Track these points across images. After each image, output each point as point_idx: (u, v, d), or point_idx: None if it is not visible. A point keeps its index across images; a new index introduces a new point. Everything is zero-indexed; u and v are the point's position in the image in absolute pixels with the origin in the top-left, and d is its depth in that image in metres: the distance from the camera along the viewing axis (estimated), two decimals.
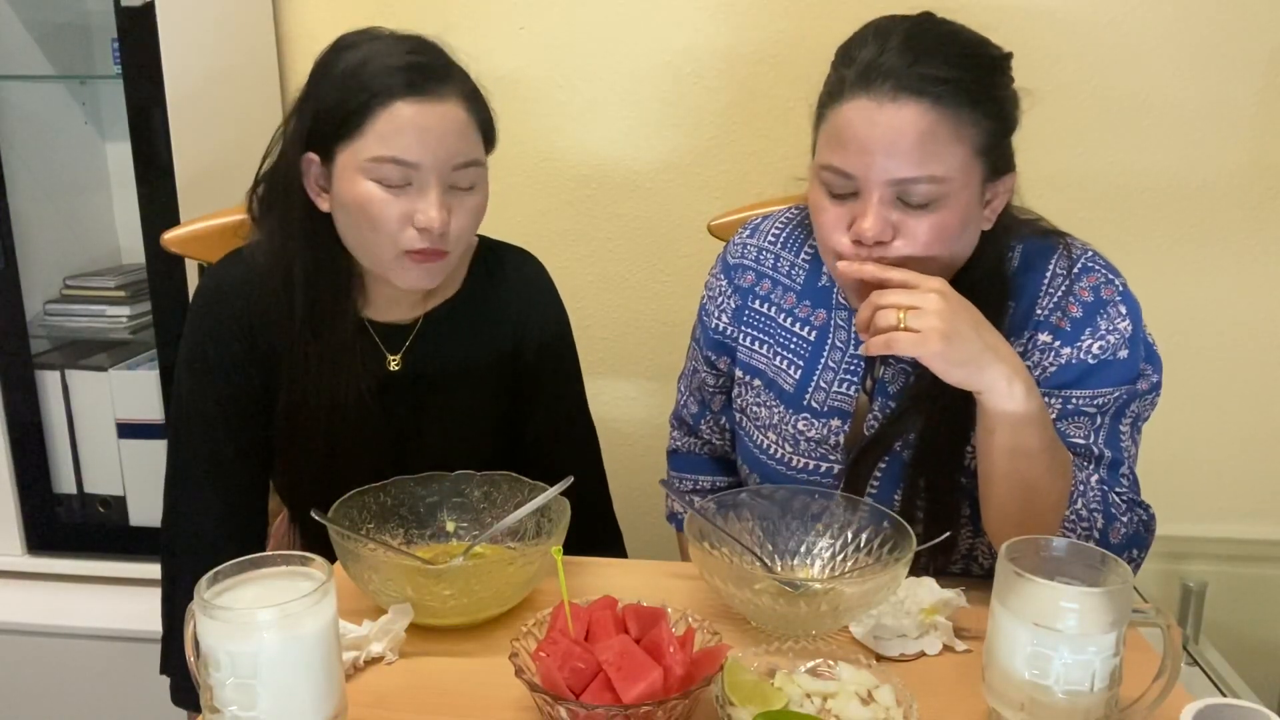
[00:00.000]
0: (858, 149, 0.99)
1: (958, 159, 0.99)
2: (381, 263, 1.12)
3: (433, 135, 1.07)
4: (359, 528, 1.06)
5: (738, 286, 1.25)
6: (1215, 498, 1.97)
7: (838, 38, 1.07)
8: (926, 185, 0.99)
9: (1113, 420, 1.07)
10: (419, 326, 1.23)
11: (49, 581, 1.81)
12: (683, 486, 1.39)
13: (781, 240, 1.24)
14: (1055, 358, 1.07)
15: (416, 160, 1.07)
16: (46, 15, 1.76)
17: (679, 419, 1.39)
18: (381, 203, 1.07)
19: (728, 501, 1.10)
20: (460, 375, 1.25)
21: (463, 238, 1.13)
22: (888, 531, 1.03)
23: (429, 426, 1.24)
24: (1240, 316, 1.87)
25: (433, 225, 1.07)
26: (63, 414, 1.76)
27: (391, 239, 1.09)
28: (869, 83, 0.99)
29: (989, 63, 1.03)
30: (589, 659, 0.81)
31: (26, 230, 1.70)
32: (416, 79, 1.07)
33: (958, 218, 1.01)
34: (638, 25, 1.83)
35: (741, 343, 1.24)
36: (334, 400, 1.17)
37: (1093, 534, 1.01)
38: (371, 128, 1.06)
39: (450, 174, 1.09)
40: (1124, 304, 1.07)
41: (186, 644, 0.79)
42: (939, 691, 0.90)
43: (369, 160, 1.07)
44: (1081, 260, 1.10)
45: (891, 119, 0.98)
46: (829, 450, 1.17)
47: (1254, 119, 1.79)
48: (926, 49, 0.99)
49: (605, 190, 1.91)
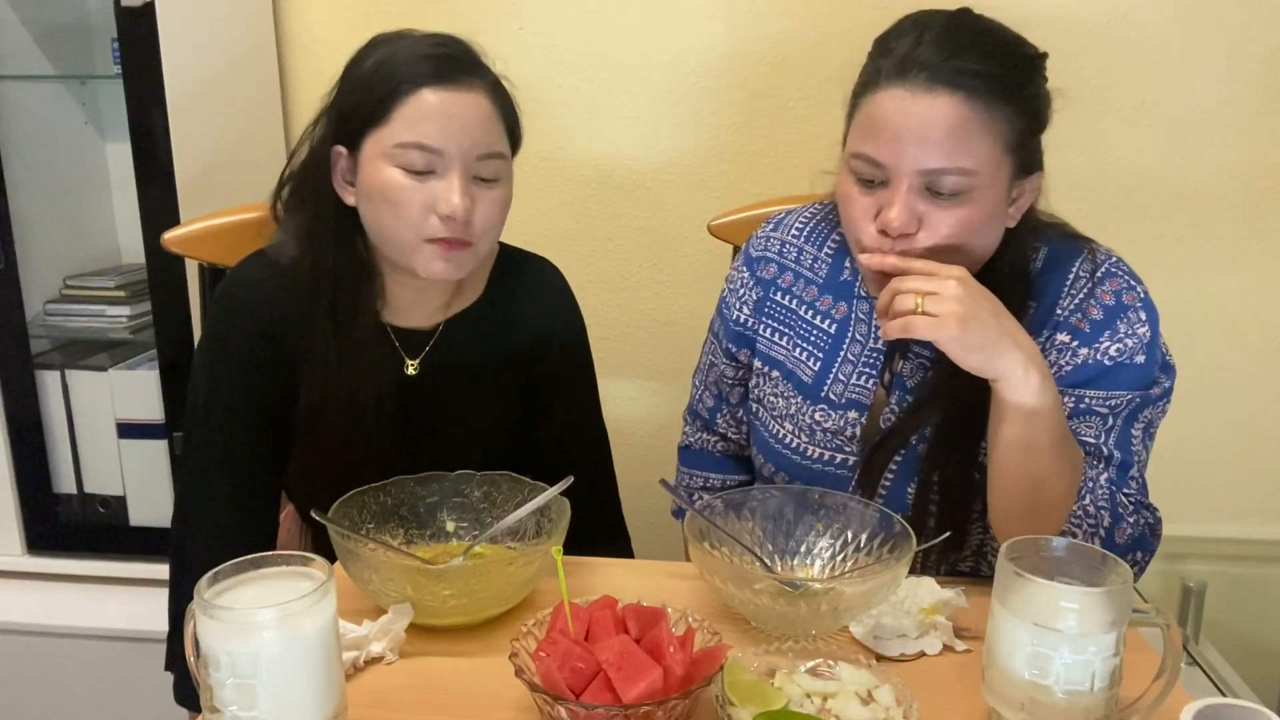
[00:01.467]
0: (890, 138, 1.01)
1: (987, 153, 1.00)
2: (405, 251, 1.12)
3: (457, 123, 1.08)
4: (359, 528, 1.06)
5: (760, 278, 1.26)
6: (1215, 498, 1.97)
7: (837, 37, 1.07)
8: (955, 177, 1.00)
9: (1125, 423, 1.07)
10: (439, 333, 1.23)
11: (49, 581, 1.81)
12: (692, 483, 1.39)
13: (805, 235, 1.25)
14: (1072, 357, 1.08)
15: (440, 146, 1.08)
16: (46, 15, 1.76)
17: (693, 413, 1.39)
18: (405, 189, 1.08)
19: (729, 501, 1.10)
20: (477, 382, 1.25)
21: (488, 231, 1.14)
22: (888, 531, 1.03)
23: (445, 430, 1.24)
24: (1240, 316, 1.87)
25: (455, 212, 1.08)
26: (63, 414, 1.76)
27: (414, 226, 1.09)
28: (904, 73, 1.00)
29: (1024, 60, 1.04)
30: (589, 659, 0.81)
31: (26, 230, 1.70)
32: (443, 68, 1.09)
33: (983, 212, 1.02)
34: (638, 25, 1.83)
35: (761, 334, 1.25)
36: (352, 400, 1.17)
37: (1099, 532, 1.02)
38: (397, 114, 1.08)
39: (474, 163, 1.10)
40: (1144, 311, 1.08)
41: (186, 644, 0.79)
42: (939, 691, 0.90)
43: (394, 146, 1.08)
44: (1105, 265, 1.11)
45: (925, 109, 0.99)
46: (845, 441, 1.18)
47: (1254, 119, 1.79)
48: (963, 43, 1.00)
49: (605, 190, 1.92)
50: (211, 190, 1.64)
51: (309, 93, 1.89)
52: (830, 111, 1.85)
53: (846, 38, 1.78)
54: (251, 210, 1.44)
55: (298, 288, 1.16)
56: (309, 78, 1.90)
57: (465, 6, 1.83)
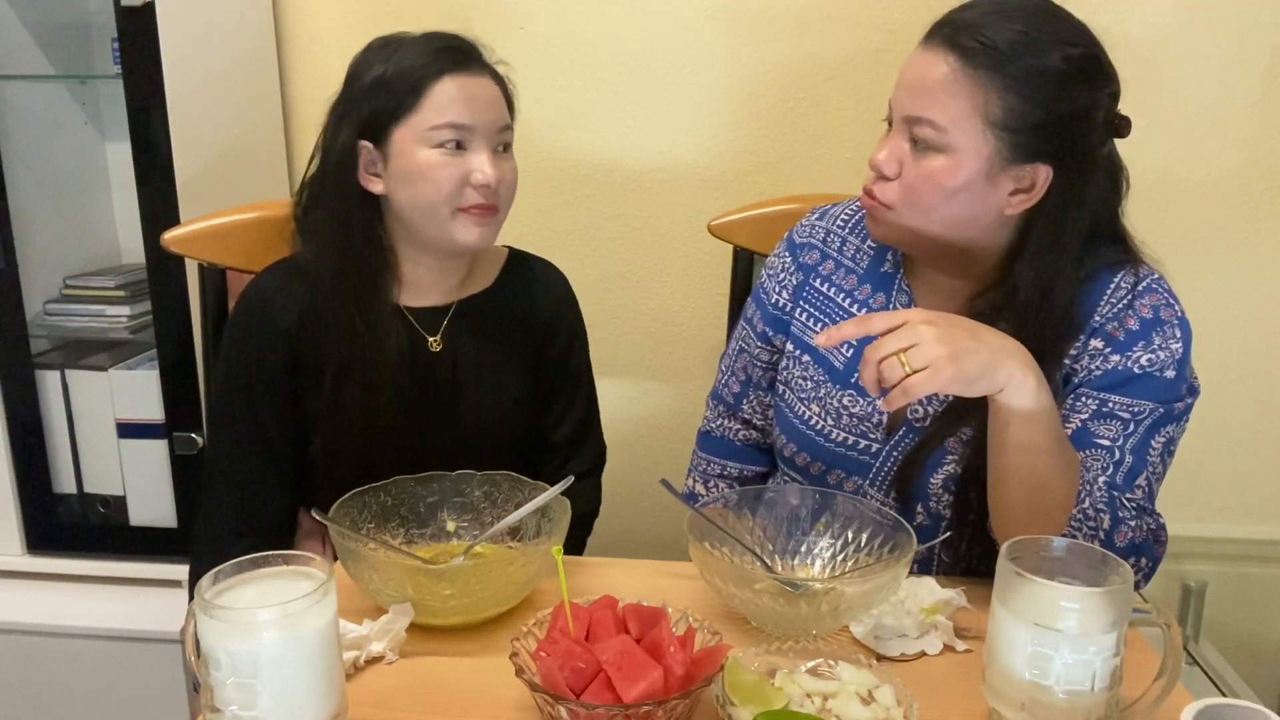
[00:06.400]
0: (898, 85, 1.09)
1: (963, 117, 1.03)
2: (441, 223, 1.23)
3: (480, 103, 1.22)
4: (359, 527, 1.06)
5: (801, 264, 1.28)
6: (1215, 498, 1.97)
7: (837, 37, 1.08)
8: (928, 129, 1.05)
9: (1146, 433, 1.08)
10: (454, 309, 1.32)
11: (49, 581, 1.80)
12: (709, 470, 1.39)
13: (850, 225, 1.27)
14: (1103, 362, 1.09)
15: (470, 122, 1.20)
16: (46, 15, 1.75)
17: (718, 398, 1.40)
18: (441, 165, 1.20)
19: (731, 500, 1.10)
20: (494, 357, 1.34)
21: (508, 196, 1.27)
22: (888, 531, 1.04)
23: (467, 404, 1.32)
24: (1240, 316, 1.87)
25: (490, 180, 1.21)
26: (63, 414, 1.76)
27: (450, 200, 1.22)
28: (932, 32, 1.07)
29: (1051, 53, 1.03)
30: (589, 659, 0.81)
31: (26, 230, 1.70)
32: (459, 57, 1.22)
33: (951, 175, 1.05)
34: (638, 25, 1.83)
35: (797, 318, 1.27)
36: (376, 375, 1.25)
37: (1098, 534, 1.02)
38: (427, 101, 1.20)
39: (495, 135, 1.23)
40: (1180, 329, 1.10)
41: (186, 643, 0.80)
42: (939, 691, 0.90)
43: (429, 129, 1.20)
44: (1147, 280, 1.12)
45: (922, 61, 1.06)
46: (870, 428, 1.20)
47: (1254, 119, 1.79)
48: (994, 16, 1.04)
49: (605, 190, 1.92)
50: (211, 190, 1.64)
51: (309, 93, 1.89)
52: (830, 111, 1.86)
53: (846, 38, 1.79)
54: (251, 210, 1.44)
55: (320, 284, 1.25)
56: (309, 78, 1.90)
57: (465, 6, 1.83)
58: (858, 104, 1.81)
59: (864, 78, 1.79)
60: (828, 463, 1.22)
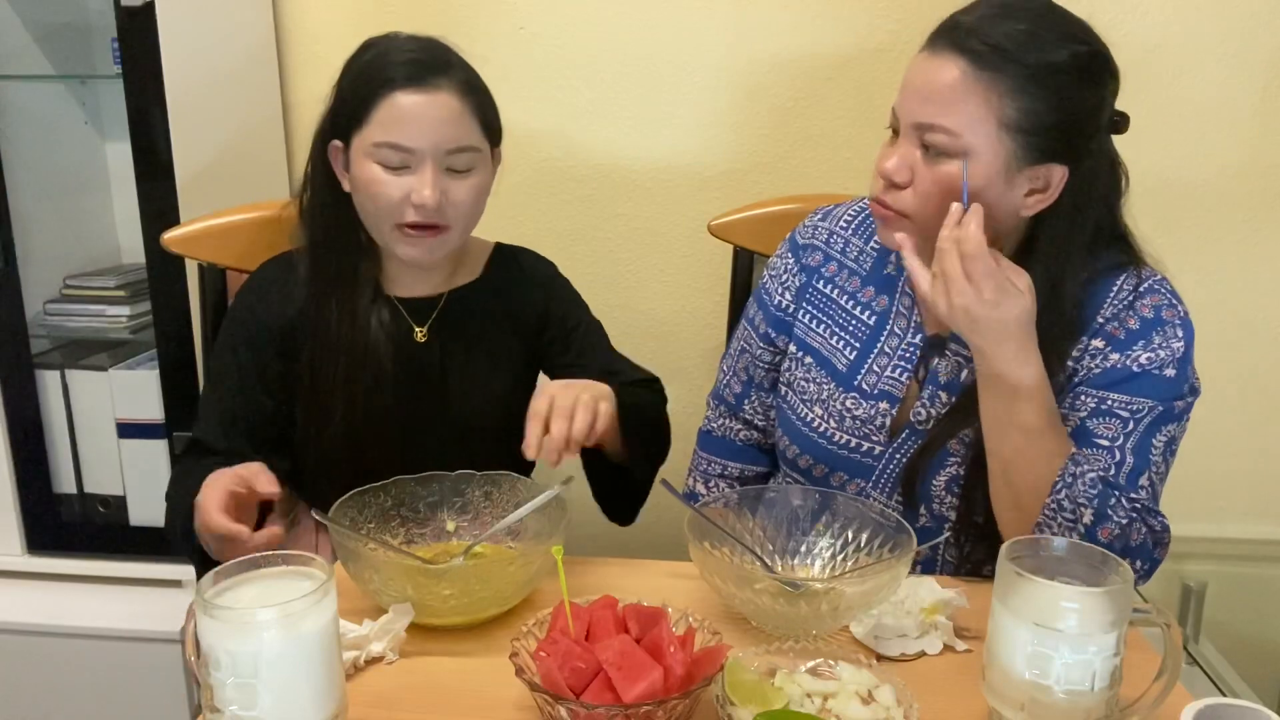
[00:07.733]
0: (903, 92, 1.08)
1: (978, 121, 1.03)
2: (384, 236, 1.24)
3: (427, 122, 1.18)
4: (359, 527, 1.06)
5: (804, 265, 1.28)
6: (1215, 498, 1.97)
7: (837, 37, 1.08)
8: (941, 135, 1.04)
9: (1146, 432, 1.08)
10: (444, 301, 1.32)
11: (49, 581, 1.80)
12: (710, 470, 1.39)
13: (853, 227, 1.27)
14: (1103, 361, 1.10)
15: (412, 145, 1.18)
16: (46, 15, 1.75)
17: (719, 398, 1.40)
18: (383, 183, 1.19)
19: (731, 500, 1.10)
20: (484, 348, 1.34)
21: (463, 213, 1.24)
22: (888, 531, 1.03)
23: (455, 397, 1.32)
24: (1240, 316, 1.87)
25: (426, 203, 1.18)
26: (63, 414, 1.76)
27: (390, 215, 1.21)
28: (936, 37, 1.06)
29: (1059, 51, 1.03)
30: (589, 659, 0.81)
31: (26, 230, 1.70)
32: (414, 72, 1.19)
33: (969, 181, 1.04)
34: (638, 25, 1.83)
35: (800, 319, 1.27)
36: (356, 365, 1.25)
37: (1077, 528, 1.02)
38: (375, 116, 1.19)
39: (445, 157, 1.20)
40: (1181, 329, 1.10)
41: (186, 643, 0.80)
42: (939, 691, 0.90)
43: (373, 145, 1.19)
44: (1149, 281, 1.13)
45: (930, 67, 1.05)
46: (873, 430, 1.20)
47: (1254, 119, 1.79)
48: (999, 18, 1.03)
49: (605, 190, 1.91)
50: (211, 190, 1.64)
51: (309, 93, 1.89)
52: (830, 111, 1.86)
53: (846, 37, 1.79)
54: (251, 210, 1.44)
55: (305, 269, 1.26)
56: (309, 78, 1.89)
57: (465, 6, 1.83)
58: (858, 103, 1.81)
59: (864, 77, 1.79)
60: (830, 465, 1.22)
